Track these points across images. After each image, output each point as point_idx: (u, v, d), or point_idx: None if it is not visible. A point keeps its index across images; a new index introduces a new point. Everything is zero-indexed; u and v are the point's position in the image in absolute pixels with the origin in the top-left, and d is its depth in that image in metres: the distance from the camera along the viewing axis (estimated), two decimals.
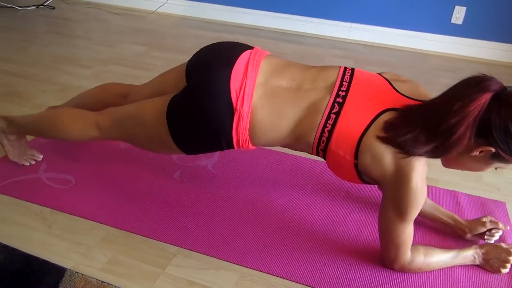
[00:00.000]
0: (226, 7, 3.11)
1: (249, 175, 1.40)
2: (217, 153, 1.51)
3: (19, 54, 2.34)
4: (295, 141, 1.03)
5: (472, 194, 1.39)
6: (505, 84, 0.90)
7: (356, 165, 0.98)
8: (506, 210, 1.32)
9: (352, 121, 0.96)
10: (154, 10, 3.28)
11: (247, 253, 1.09)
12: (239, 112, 0.99)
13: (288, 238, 1.15)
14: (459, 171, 1.51)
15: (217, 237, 1.13)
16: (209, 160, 1.47)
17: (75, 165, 1.39)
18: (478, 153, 0.91)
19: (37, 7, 3.23)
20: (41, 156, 1.39)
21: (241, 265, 1.05)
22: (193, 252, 1.09)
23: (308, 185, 1.38)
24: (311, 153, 1.05)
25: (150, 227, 1.15)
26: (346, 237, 1.17)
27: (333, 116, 0.97)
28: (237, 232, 1.16)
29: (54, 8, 3.25)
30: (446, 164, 1.02)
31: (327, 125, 0.97)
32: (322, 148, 1.01)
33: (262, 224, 1.19)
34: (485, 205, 1.34)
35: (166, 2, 3.24)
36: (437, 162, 1.55)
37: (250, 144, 1.05)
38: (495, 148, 0.88)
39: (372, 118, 0.95)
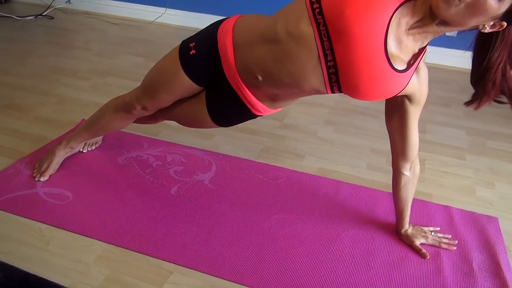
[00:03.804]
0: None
1: (245, 190, 1.42)
2: (214, 168, 1.52)
3: (18, 65, 2.35)
4: (283, 10, 0.97)
5: (465, 209, 1.41)
6: None
7: None
8: (499, 226, 1.34)
9: None
10: (153, 20, 3.30)
11: (243, 270, 1.10)
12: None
13: (283, 254, 1.16)
14: (451, 186, 1.54)
15: (213, 253, 1.15)
16: (206, 175, 1.48)
17: (72, 180, 1.40)
18: None
19: (36, 17, 3.24)
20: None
21: (236, 283, 1.07)
22: (189, 269, 1.10)
23: (304, 200, 1.39)
24: (305, 5, 0.91)
25: (147, 244, 1.16)
26: (341, 254, 1.18)
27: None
28: (233, 248, 1.17)
29: (52, 18, 3.27)
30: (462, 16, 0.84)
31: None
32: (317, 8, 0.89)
33: (258, 240, 1.21)
34: (477, 221, 1.36)
35: (164, 13, 3.27)
36: (431, 177, 1.58)
37: (236, 17, 1.06)
38: None
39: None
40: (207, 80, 1.12)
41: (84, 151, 1.55)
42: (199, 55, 1.08)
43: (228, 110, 1.15)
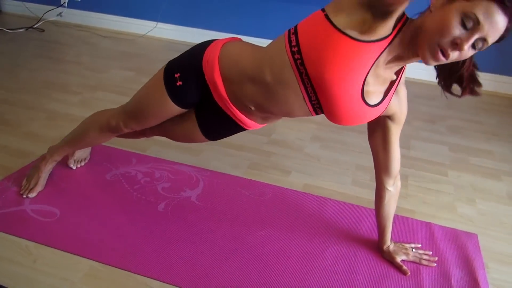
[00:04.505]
0: (215, 33, 3.18)
1: (232, 207, 1.44)
2: (201, 185, 1.55)
3: (8, 79, 2.36)
4: (265, 47, 1.04)
5: (446, 225, 1.45)
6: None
7: (327, 17, 0.90)
8: (478, 242, 1.38)
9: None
10: (144, 34, 3.34)
11: (228, 287, 1.12)
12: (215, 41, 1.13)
13: (268, 271, 1.19)
14: (434, 203, 1.58)
15: (199, 270, 1.17)
16: (193, 192, 1.51)
17: (59, 197, 1.42)
18: (436, 1, 0.87)
19: (27, 29, 3.26)
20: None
21: None
22: (175, 286, 1.12)
23: (289, 216, 1.42)
24: (284, 47, 0.97)
25: (133, 261, 1.18)
26: (324, 270, 1.21)
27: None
28: (219, 265, 1.19)
29: (43, 30, 3.29)
30: (419, 42, 0.91)
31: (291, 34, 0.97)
32: (293, 31, 0.96)
33: (243, 257, 1.23)
34: (457, 237, 1.39)
35: (155, 26, 3.31)
36: (414, 193, 1.62)
37: (220, 46, 1.08)
38: None
39: None
40: (196, 103, 1.16)
41: (73, 168, 1.56)
42: (186, 85, 1.12)
43: (219, 126, 1.20)
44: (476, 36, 0.83)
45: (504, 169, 1.87)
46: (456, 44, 0.84)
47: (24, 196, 1.39)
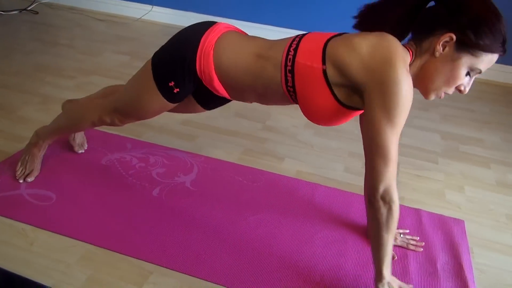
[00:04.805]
0: (210, 17, 3.16)
1: (225, 192, 1.47)
2: (195, 170, 1.57)
3: (1, 62, 2.35)
4: (262, 64, 1.07)
5: (434, 212, 1.49)
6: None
7: (325, 73, 0.98)
8: (464, 228, 1.42)
9: (314, 37, 1.04)
10: (139, 17, 3.31)
11: (220, 270, 1.15)
12: (213, 27, 1.15)
13: (259, 255, 1.22)
14: (423, 189, 1.61)
15: (192, 254, 1.20)
16: (188, 177, 1.53)
17: (56, 181, 1.43)
18: (441, 48, 0.96)
19: (20, 11, 3.22)
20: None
21: (214, 283, 1.12)
22: (169, 269, 1.15)
23: (281, 202, 1.45)
24: (280, 81, 1.05)
25: (128, 245, 1.21)
26: (314, 254, 1.24)
27: (294, 44, 1.05)
28: (211, 249, 1.22)
29: (37, 13, 3.25)
30: (422, 84, 1.04)
31: (292, 44, 1.04)
32: (289, 68, 1.02)
33: (236, 241, 1.26)
34: (445, 223, 1.43)
35: (150, 10, 3.28)
36: (404, 180, 1.65)
37: (212, 54, 1.08)
38: (454, 33, 0.93)
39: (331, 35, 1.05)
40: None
41: (79, 152, 1.59)
42: (184, 90, 1.16)
43: (218, 101, 1.28)
44: (474, 77, 1.00)
45: (494, 157, 1.90)
46: (460, 90, 1.02)
47: (21, 181, 1.41)
